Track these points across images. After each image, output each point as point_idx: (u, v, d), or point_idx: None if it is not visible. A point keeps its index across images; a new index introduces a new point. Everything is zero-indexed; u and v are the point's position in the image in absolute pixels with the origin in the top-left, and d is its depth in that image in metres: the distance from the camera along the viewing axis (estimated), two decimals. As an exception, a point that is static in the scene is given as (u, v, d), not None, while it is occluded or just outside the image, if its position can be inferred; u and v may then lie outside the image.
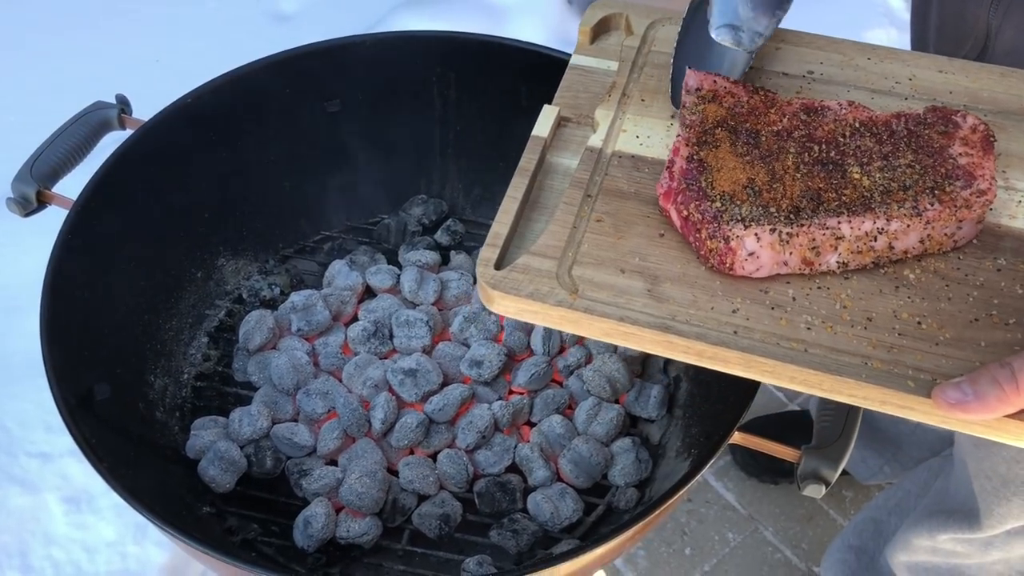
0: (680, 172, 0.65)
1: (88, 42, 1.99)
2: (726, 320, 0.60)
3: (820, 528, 1.51)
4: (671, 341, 0.60)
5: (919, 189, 0.63)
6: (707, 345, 0.59)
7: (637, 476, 0.91)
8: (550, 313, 0.62)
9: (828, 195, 0.63)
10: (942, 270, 0.63)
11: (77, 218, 0.87)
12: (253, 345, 0.97)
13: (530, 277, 0.62)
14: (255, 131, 1.03)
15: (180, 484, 0.90)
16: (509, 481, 0.90)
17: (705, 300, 0.61)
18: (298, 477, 0.90)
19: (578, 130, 0.72)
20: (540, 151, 0.69)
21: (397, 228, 1.11)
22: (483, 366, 0.94)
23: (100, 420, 0.83)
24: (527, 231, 0.66)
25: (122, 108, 0.98)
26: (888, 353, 0.59)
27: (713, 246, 0.62)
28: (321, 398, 0.93)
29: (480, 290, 0.63)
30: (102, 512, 1.34)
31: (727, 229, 0.61)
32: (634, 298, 0.61)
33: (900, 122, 0.67)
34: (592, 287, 0.62)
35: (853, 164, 0.64)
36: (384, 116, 1.09)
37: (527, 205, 0.67)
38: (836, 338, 0.60)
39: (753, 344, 0.59)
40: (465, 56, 1.06)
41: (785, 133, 0.66)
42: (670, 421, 0.96)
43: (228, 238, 1.06)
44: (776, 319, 0.61)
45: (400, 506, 0.89)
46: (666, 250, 0.64)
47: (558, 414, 0.94)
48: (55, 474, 1.37)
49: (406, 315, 0.98)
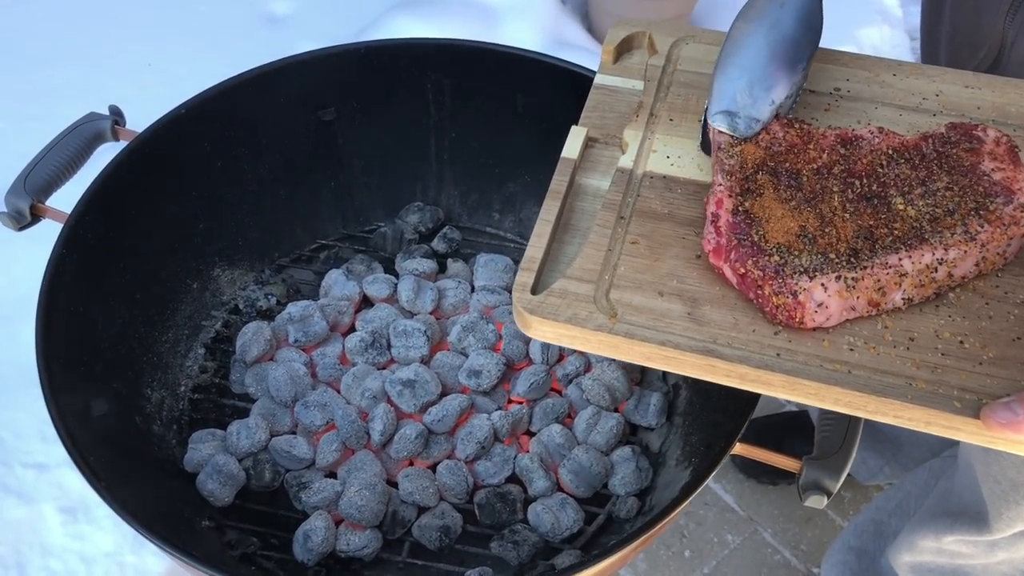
0: (728, 227, 0.64)
1: (78, 46, 1.98)
2: (768, 343, 0.60)
3: (819, 529, 1.51)
4: (714, 365, 0.60)
5: (964, 212, 0.63)
6: (750, 368, 0.59)
7: (637, 485, 0.91)
8: (589, 338, 0.62)
9: (880, 231, 0.63)
10: (981, 288, 0.63)
11: (71, 233, 0.86)
12: (250, 357, 0.96)
13: (568, 302, 0.62)
14: (249, 140, 1.03)
15: (178, 498, 0.90)
16: (509, 492, 0.90)
17: (746, 322, 0.61)
18: (297, 490, 0.90)
19: (606, 151, 0.72)
20: (570, 173, 0.69)
21: (393, 236, 1.10)
22: (482, 376, 0.93)
23: (97, 436, 0.82)
24: (560, 254, 0.66)
25: (115, 120, 0.97)
26: (932, 373, 0.59)
27: (780, 302, 0.61)
28: (319, 410, 0.92)
29: (517, 316, 0.63)
30: (99, 522, 1.33)
31: (793, 284, 0.60)
32: (674, 321, 0.61)
33: (928, 144, 0.67)
34: (631, 311, 0.62)
35: (895, 195, 0.64)
36: (379, 124, 1.09)
37: (559, 228, 0.67)
38: (879, 359, 0.60)
39: (796, 367, 0.59)
40: (460, 63, 1.06)
41: (826, 170, 0.66)
42: (670, 429, 0.95)
43: (223, 248, 1.06)
44: (819, 340, 0.61)
45: (400, 518, 0.88)
46: (704, 271, 0.64)
47: (558, 423, 0.93)
48: (51, 484, 1.37)
49: (404, 325, 0.97)
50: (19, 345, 1.28)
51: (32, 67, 1.90)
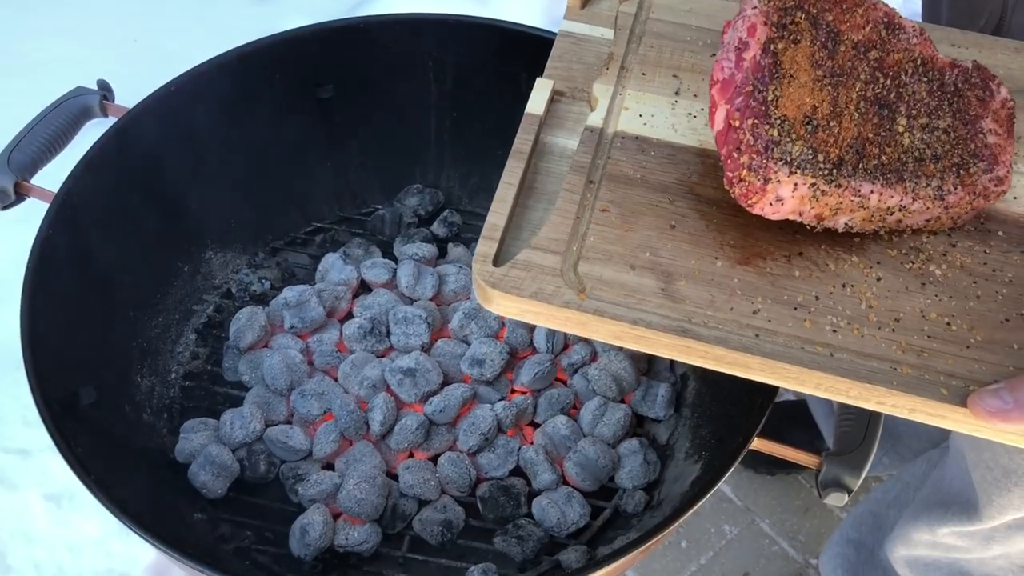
0: (752, 66, 0.58)
1: (61, 21, 1.92)
2: (747, 322, 0.56)
3: (817, 520, 1.49)
4: (688, 346, 0.56)
5: (948, 164, 0.60)
6: (727, 350, 0.55)
7: (645, 479, 0.88)
8: (555, 315, 0.57)
9: (871, 149, 0.58)
10: (969, 265, 0.60)
11: (59, 213, 0.83)
12: (244, 343, 0.93)
13: (532, 275, 0.57)
14: (243, 118, 0.99)
15: (170, 490, 0.87)
16: (513, 485, 0.87)
17: (723, 300, 0.57)
18: (293, 482, 0.87)
19: (574, 105, 0.66)
20: (535, 131, 0.63)
21: (392, 219, 1.07)
22: (485, 365, 0.90)
23: (85, 425, 0.79)
24: (525, 221, 0.61)
25: (104, 95, 0.93)
26: (918, 358, 0.56)
27: (747, 177, 0.57)
28: (316, 399, 0.89)
29: (477, 289, 0.58)
30: (85, 509, 1.30)
31: (771, 169, 0.56)
32: (647, 298, 0.57)
33: (952, 74, 0.63)
34: (601, 286, 0.57)
35: (903, 113, 0.60)
36: (378, 102, 1.05)
37: (523, 191, 0.62)
38: (863, 341, 0.56)
39: (776, 349, 0.55)
40: (462, 40, 1.02)
41: (863, 48, 0.61)
42: (678, 421, 0.93)
43: (216, 230, 1.02)
44: (799, 320, 0.57)
45: (400, 512, 0.85)
46: (678, 243, 0.60)
47: (563, 414, 0.91)
48: (35, 470, 1.33)
49: (404, 311, 0.94)
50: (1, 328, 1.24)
51: (14, 40, 1.85)
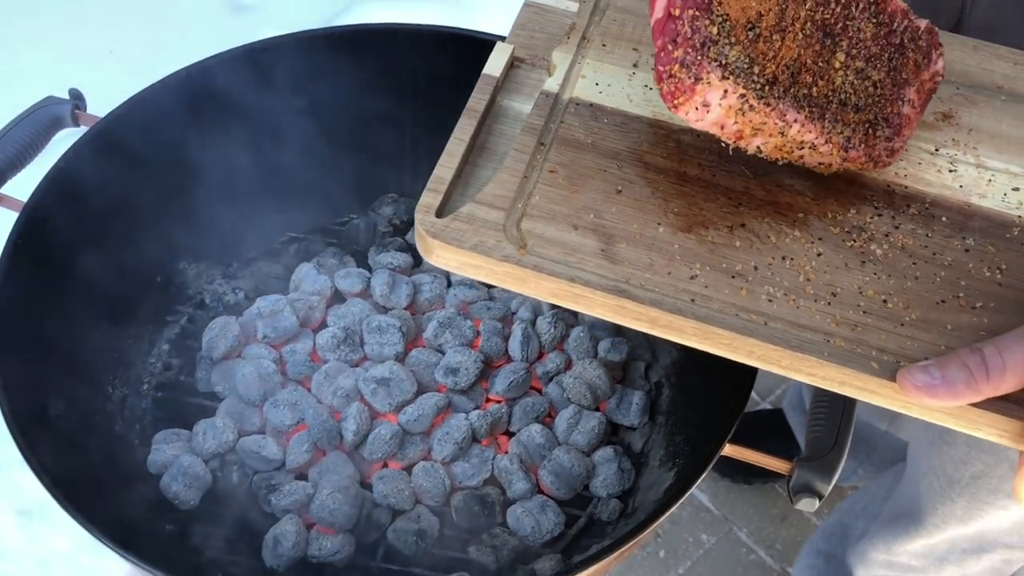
0: None
1: (35, 31, 1.91)
2: (683, 287, 0.57)
3: (794, 528, 1.50)
4: (624, 306, 0.56)
5: (863, 118, 0.60)
6: (662, 312, 0.56)
7: (620, 487, 0.88)
8: (495, 269, 0.57)
9: (805, 77, 0.59)
10: (910, 247, 0.61)
11: (28, 222, 0.82)
12: (217, 353, 0.92)
13: (475, 228, 0.58)
14: (217, 127, 0.98)
15: (141, 501, 0.86)
16: (488, 494, 0.87)
17: (662, 264, 0.58)
18: (266, 493, 0.86)
19: (533, 72, 0.67)
20: (491, 92, 0.64)
21: (366, 229, 1.07)
22: (459, 374, 0.90)
23: (54, 437, 0.78)
24: (472, 178, 0.61)
25: (76, 104, 0.93)
26: (852, 331, 0.56)
27: (677, 73, 0.56)
28: (289, 409, 0.88)
29: (418, 239, 0.59)
30: (56, 524, 1.28)
31: (703, 68, 0.56)
32: (587, 257, 0.58)
33: (902, 25, 0.63)
34: (542, 243, 0.58)
35: (843, 49, 0.60)
36: (353, 112, 1.05)
37: (474, 150, 0.63)
38: (798, 312, 0.57)
39: (711, 314, 0.56)
40: (437, 50, 1.02)
41: None
42: (652, 429, 0.93)
43: (190, 240, 1.01)
44: (736, 288, 0.57)
45: (374, 521, 0.85)
46: (623, 208, 0.60)
47: (538, 423, 0.91)
48: (6, 485, 1.32)
49: (378, 321, 0.94)
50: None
51: (-14, 51, 1.84)
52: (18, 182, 0.89)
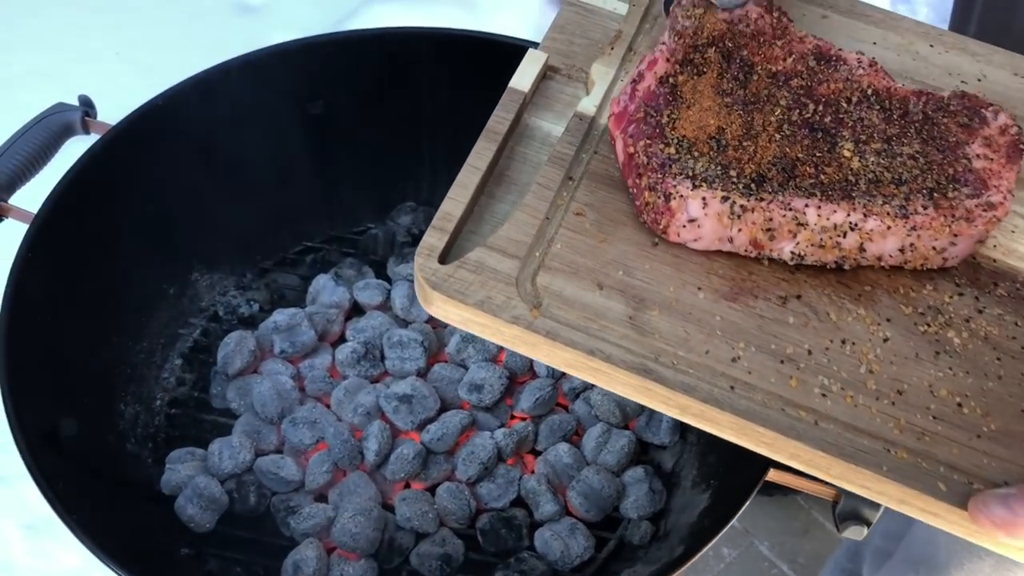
0: (644, 95, 0.54)
1: (38, 33, 1.88)
2: (723, 370, 0.50)
3: (816, 542, 1.47)
4: (650, 388, 0.49)
5: (915, 187, 0.53)
6: (694, 400, 0.48)
7: (651, 508, 0.85)
8: (502, 330, 0.50)
9: (805, 169, 0.53)
10: (994, 337, 0.52)
11: (39, 233, 0.79)
12: (233, 369, 0.89)
13: (483, 280, 0.50)
14: (231, 135, 0.95)
15: (155, 524, 0.82)
16: (515, 516, 0.84)
17: (700, 340, 0.51)
18: (285, 515, 0.83)
19: (568, 86, 0.59)
20: (517, 109, 0.56)
21: (385, 238, 1.03)
22: (484, 391, 0.87)
23: (66, 458, 0.75)
24: (487, 213, 0.54)
25: (85, 111, 0.89)
26: (918, 441, 0.48)
27: (651, 200, 0.52)
28: (308, 427, 0.85)
29: (417, 287, 0.52)
30: (63, 539, 1.24)
31: (671, 184, 0.51)
32: (611, 325, 0.50)
33: (919, 102, 0.57)
34: (560, 303, 0.51)
35: (847, 139, 0.54)
36: (370, 118, 1.02)
37: (492, 178, 0.55)
38: (856, 412, 0.49)
39: (752, 407, 0.49)
40: (457, 54, 0.99)
41: (783, 77, 0.56)
42: (683, 448, 0.90)
43: (202, 250, 0.98)
44: (784, 377, 0.50)
45: (397, 546, 0.82)
46: (658, 265, 0.53)
47: (565, 442, 0.87)
48: (11, 498, 1.29)
49: (399, 335, 0.91)
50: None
51: (-10, 54, 1.81)
52: (27, 192, 0.86)
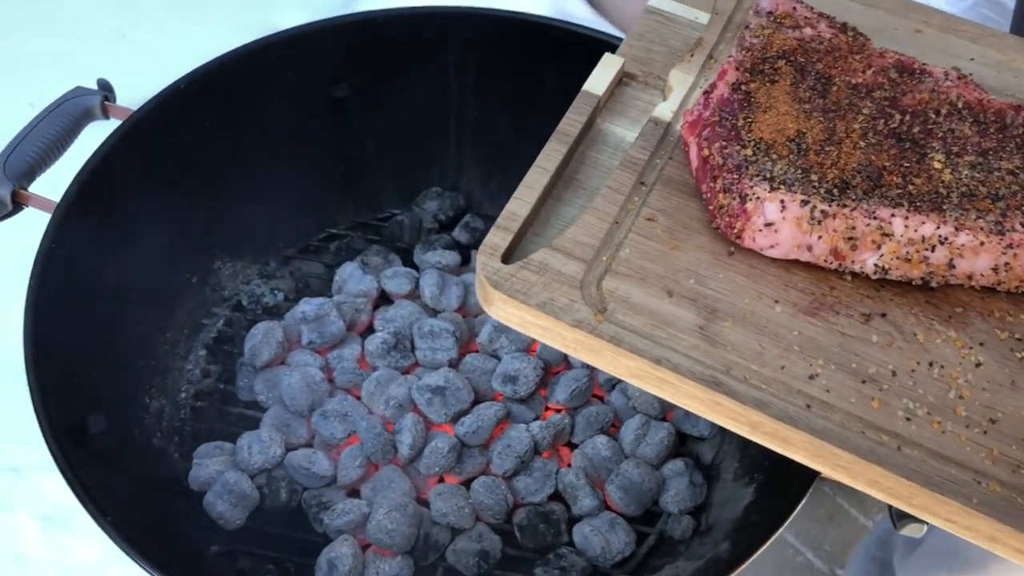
0: (718, 101, 0.52)
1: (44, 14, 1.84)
2: (799, 387, 0.48)
3: (842, 528, 1.45)
4: (719, 402, 0.47)
5: (1014, 203, 0.50)
6: (766, 417, 0.46)
7: (692, 502, 0.83)
8: (564, 335, 0.49)
9: (891, 178, 0.50)
10: None
11: (62, 223, 0.76)
12: (260, 361, 0.87)
13: (546, 281, 0.49)
14: (254, 119, 0.92)
15: (183, 520, 0.80)
16: (553, 511, 0.81)
17: (775, 355, 0.48)
18: (317, 511, 0.81)
19: (644, 93, 0.58)
20: (590, 112, 0.56)
21: (411, 225, 1.01)
22: (519, 382, 0.85)
23: (95, 455, 0.73)
24: (554, 216, 0.53)
25: (105, 95, 0.86)
26: (1012, 474, 0.46)
27: (725, 202, 0.50)
28: (340, 420, 0.83)
29: (478, 286, 0.51)
30: (81, 531, 1.23)
31: (747, 185, 0.49)
32: (679, 334, 0.49)
33: (1018, 116, 0.54)
34: (626, 309, 0.49)
35: (938, 150, 0.52)
36: (395, 101, 0.99)
37: (560, 181, 0.54)
38: (943, 440, 0.46)
39: (828, 428, 0.46)
40: (486, 34, 0.96)
41: (864, 89, 0.54)
42: (723, 440, 0.87)
43: (225, 238, 0.95)
44: (866, 398, 0.48)
45: (433, 542, 0.80)
46: (733, 275, 0.51)
47: (603, 434, 0.85)
48: (28, 490, 1.26)
49: (430, 324, 0.88)
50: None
51: (-5, 36, 1.77)
52: (46, 179, 0.83)
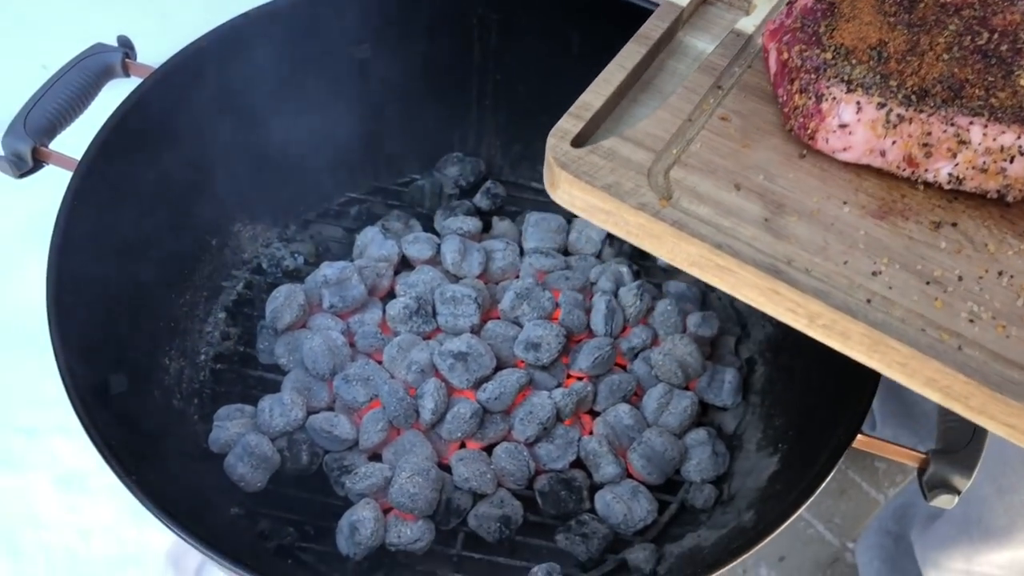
0: (801, 10, 0.52)
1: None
2: (861, 282, 0.48)
3: (853, 502, 1.45)
4: (778, 291, 0.47)
5: None
6: (826, 307, 0.46)
7: (715, 471, 0.82)
8: (627, 218, 0.49)
9: (973, 91, 0.50)
10: None
11: (84, 181, 0.76)
12: (282, 324, 0.86)
13: (613, 166, 0.50)
14: (276, 79, 0.91)
15: (204, 482, 0.80)
16: (574, 478, 0.81)
17: (839, 250, 0.49)
18: (339, 474, 0.81)
19: (728, 13, 0.59)
20: (672, 22, 0.56)
21: (432, 190, 1.00)
22: (541, 349, 0.84)
23: (117, 415, 0.72)
24: (627, 114, 0.53)
25: (126, 52, 0.85)
26: None
27: (800, 102, 0.50)
28: (362, 385, 0.82)
29: (546, 169, 0.52)
30: (95, 493, 1.23)
31: (824, 86, 0.49)
32: (743, 224, 0.49)
33: None
34: (691, 197, 0.50)
35: None
36: (417, 64, 0.98)
37: (636, 84, 0.54)
38: (1007, 343, 0.47)
39: (889, 321, 0.46)
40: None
41: (953, 7, 0.53)
42: (746, 409, 0.87)
43: (245, 201, 0.94)
44: (929, 298, 0.48)
45: (454, 507, 0.79)
46: (803, 176, 0.51)
47: (625, 403, 0.84)
48: (43, 451, 1.26)
49: (451, 290, 0.87)
50: (8, 301, 1.17)
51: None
52: (66, 136, 0.82)
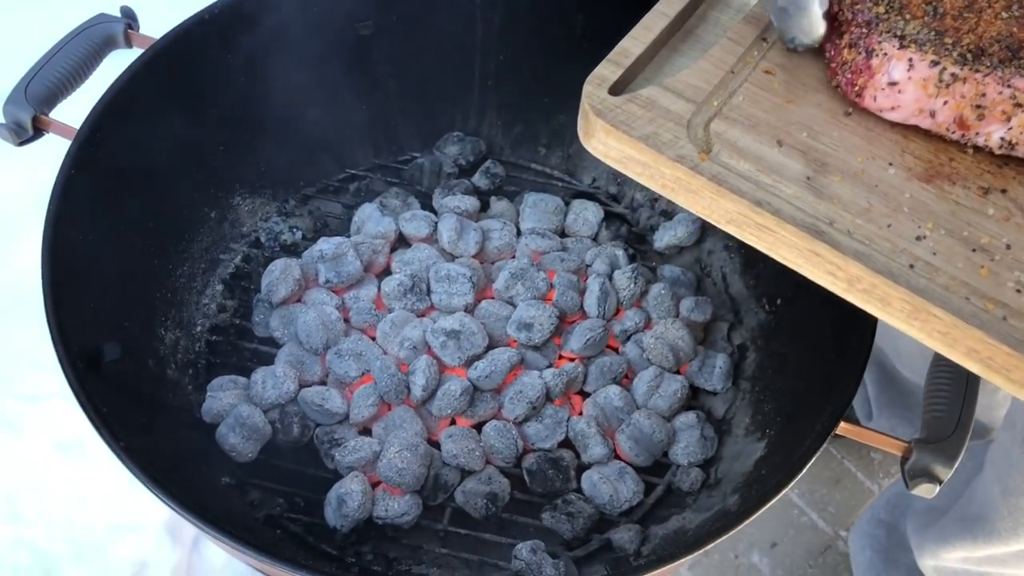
0: None
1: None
2: (904, 247, 0.46)
3: (847, 491, 1.45)
4: (818, 252, 0.46)
5: None
6: (867, 271, 0.45)
7: (702, 455, 0.83)
8: (663, 171, 0.47)
9: None
10: None
11: (82, 149, 0.76)
12: (277, 298, 0.87)
13: (652, 116, 0.48)
14: (277, 54, 0.91)
15: (195, 452, 0.81)
16: (562, 458, 0.82)
17: (883, 213, 0.47)
18: (329, 447, 0.81)
19: None
20: None
21: (431, 169, 1.00)
22: (533, 329, 0.85)
23: (109, 382, 0.73)
24: (667, 63, 0.51)
25: (128, 23, 0.86)
26: None
27: (849, 57, 0.49)
28: (354, 360, 0.83)
29: (581, 117, 0.49)
30: (95, 460, 1.24)
31: (875, 40, 0.47)
32: (785, 181, 0.47)
33: None
34: (732, 152, 0.48)
35: None
36: (420, 41, 0.98)
37: (678, 33, 0.52)
38: None
39: (931, 287, 0.45)
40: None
41: None
42: (736, 395, 0.87)
43: (245, 174, 0.95)
44: (974, 265, 0.46)
45: (442, 482, 0.80)
46: (848, 135, 0.50)
47: (615, 384, 0.85)
48: (43, 417, 1.27)
49: (446, 269, 0.88)
50: (10, 268, 1.18)
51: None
52: (66, 106, 0.83)
